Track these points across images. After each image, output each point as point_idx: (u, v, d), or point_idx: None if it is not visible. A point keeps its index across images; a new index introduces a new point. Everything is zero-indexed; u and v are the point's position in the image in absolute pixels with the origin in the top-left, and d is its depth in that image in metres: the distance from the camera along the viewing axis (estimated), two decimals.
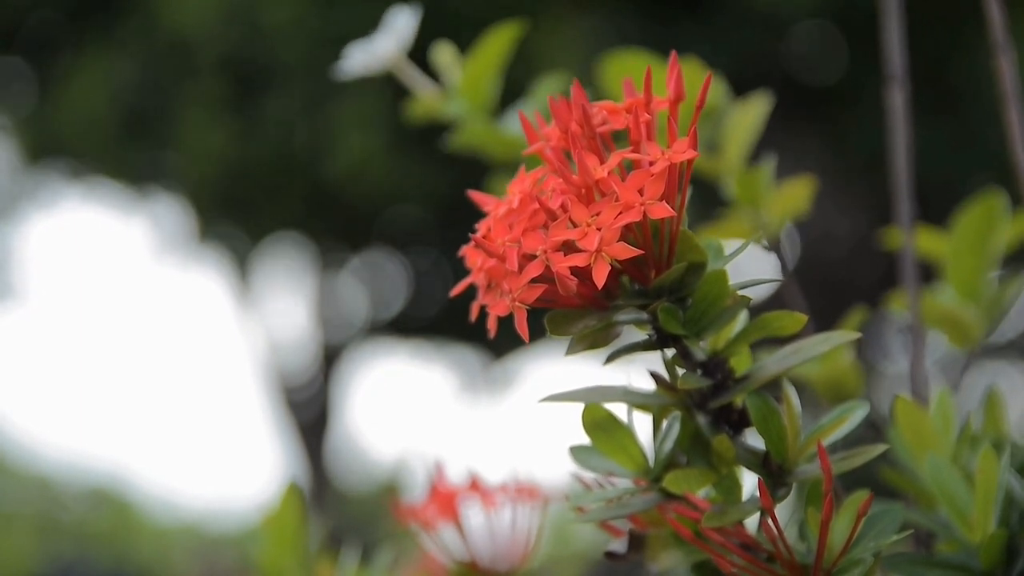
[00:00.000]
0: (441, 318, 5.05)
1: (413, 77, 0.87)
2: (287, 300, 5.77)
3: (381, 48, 0.84)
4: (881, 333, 4.24)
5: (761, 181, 0.82)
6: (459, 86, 0.86)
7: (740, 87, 0.86)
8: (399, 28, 0.84)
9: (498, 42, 0.85)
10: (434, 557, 0.81)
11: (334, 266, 5.47)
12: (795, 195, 0.84)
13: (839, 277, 4.13)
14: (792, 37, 4.04)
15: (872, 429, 0.74)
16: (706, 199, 0.85)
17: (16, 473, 7.87)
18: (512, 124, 0.86)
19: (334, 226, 4.70)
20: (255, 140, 4.02)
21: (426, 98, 0.87)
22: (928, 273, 0.87)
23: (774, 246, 0.79)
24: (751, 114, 0.83)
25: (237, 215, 4.68)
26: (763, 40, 3.80)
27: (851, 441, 0.59)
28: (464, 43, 0.88)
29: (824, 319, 0.85)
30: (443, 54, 0.87)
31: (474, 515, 0.80)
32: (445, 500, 0.78)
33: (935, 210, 0.84)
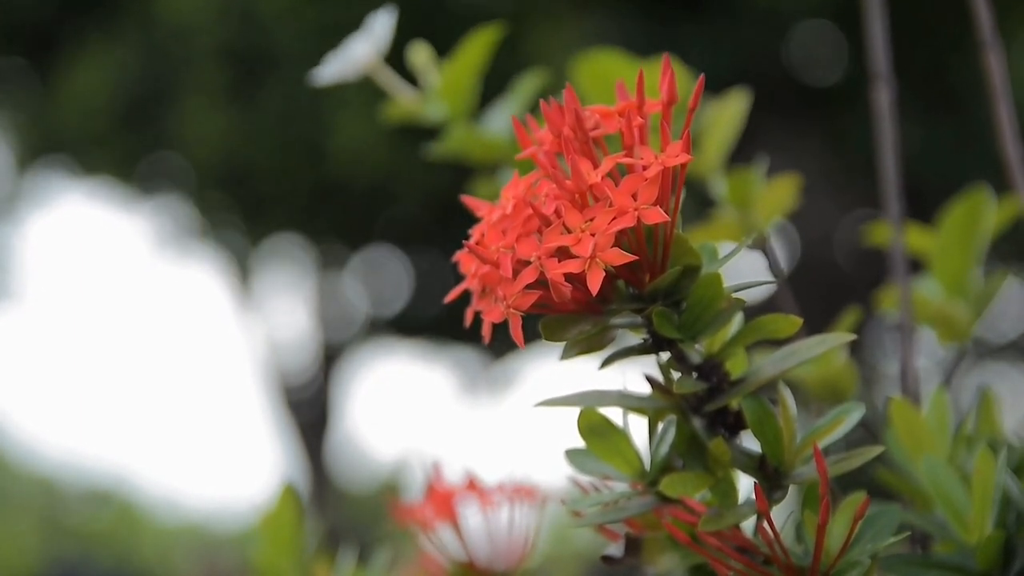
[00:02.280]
0: (442, 318, 5.05)
1: (391, 81, 0.86)
2: (288, 299, 5.77)
3: (358, 53, 0.84)
4: (881, 332, 4.24)
5: (753, 183, 0.82)
6: (439, 89, 0.85)
7: (741, 86, 0.86)
8: (376, 32, 0.84)
9: (478, 45, 0.84)
10: (432, 557, 0.81)
11: (335, 265, 5.47)
12: (782, 193, 0.83)
13: (840, 277, 4.13)
14: (793, 37, 4.04)
15: (867, 431, 0.74)
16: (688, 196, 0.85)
17: (19, 474, 7.88)
18: (494, 125, 0.85)
19: (335, 223, 4.70)
20: (255, 128, 4.02)
21: (403, 101, 0.86)
22: (920, 271, 0.86)
23: (764, 247, 0.79)
24: (730, 110, 0.82)
25: (238, 212, 4.68)
26: (764, 40, 3.80)
27: (853, 442, 0.59)
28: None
29: (825, 320, 0.85)
30: (419, 55, 0.86)
31: (472, 515, 0.80)
32: (442, 500, 0.78)
33: (939, 210, 0.84)
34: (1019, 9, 3.38)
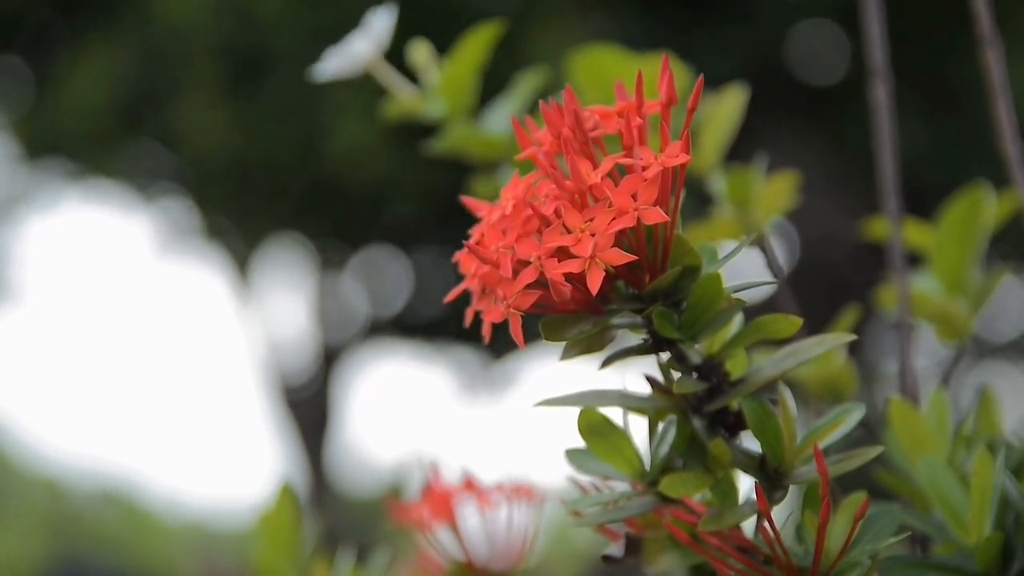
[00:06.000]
0: (442, 318, 5.05)
1: (391, 78, 0.86)
2: (287, 299, 5.77)
3: (357, 49, 0.84)
4: (882, 331, 4.24)
5: (752, 182, 0.81)
6: (438, 87, 0.85)
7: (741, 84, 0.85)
8: (375, 28, 0.84)
9: (478, 43, 0.84)
10: (431, 557, 0.81)
11: (334, 265, 5.47)
12: (780, 190, 0.82)
13: (841, 278, 4.13)
14: (795, 37, 4.04)
15: (867, 430, 0.73)
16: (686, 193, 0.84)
17: (24, 475, 7.89)
18: (493, 123, 0.85)
19: (334, 223, 4.69)
20: (254, 128, 4.02)
21: (403, 98, 0.86)
22: (918, 266, 0.86)
23: (763, 245, 0.79)
24: (727, 106, 0.82)
25: (237, 211, 4.67)
26: (766, 40, 3.79)
27: (854, 442, 0.59)
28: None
29: (825, 320, 0.85)
30: (419, 53, 0.86)
31: (470, 515, 0.80)
32: (440, 500, 0.78)
33: (940, 209, 0.84)
34: (1020, 9, 3.38)
